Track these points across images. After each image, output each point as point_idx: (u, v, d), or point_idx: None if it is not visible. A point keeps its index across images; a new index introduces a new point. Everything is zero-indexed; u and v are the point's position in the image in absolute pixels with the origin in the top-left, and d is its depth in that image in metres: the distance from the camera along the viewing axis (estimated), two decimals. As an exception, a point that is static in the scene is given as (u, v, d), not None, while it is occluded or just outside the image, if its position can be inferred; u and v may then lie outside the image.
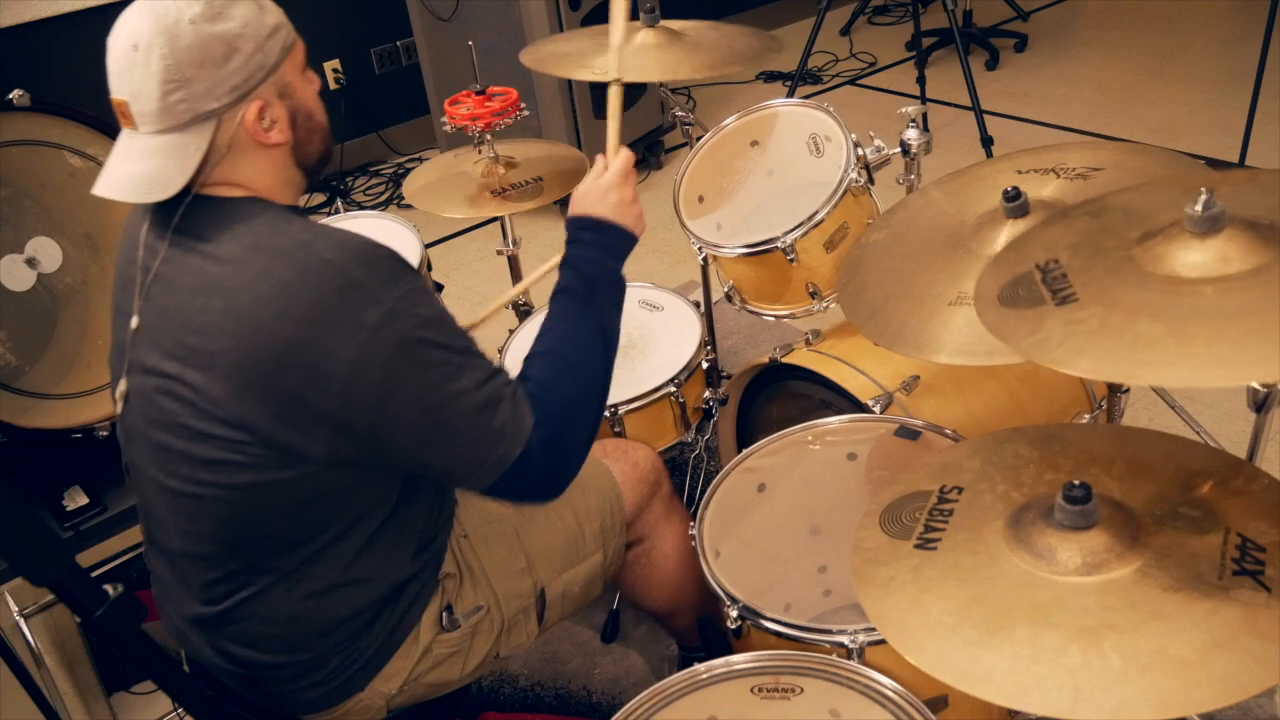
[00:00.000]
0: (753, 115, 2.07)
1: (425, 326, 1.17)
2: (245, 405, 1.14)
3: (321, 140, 1.29)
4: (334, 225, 1.21)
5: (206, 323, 1.15)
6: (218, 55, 1.13)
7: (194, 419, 1.17)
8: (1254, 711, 1.73)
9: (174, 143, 1.15)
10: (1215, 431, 2.14)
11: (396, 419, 1.16)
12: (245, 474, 1.18)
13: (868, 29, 5.17)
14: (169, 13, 1.12)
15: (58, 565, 1.09)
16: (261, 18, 1.17)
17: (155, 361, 1.20)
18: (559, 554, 1.51)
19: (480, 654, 1.45)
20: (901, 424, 1.66)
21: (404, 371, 1.15)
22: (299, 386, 1.13)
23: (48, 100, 2.08)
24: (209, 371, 1.15)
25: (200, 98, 1.13)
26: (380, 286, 1.14)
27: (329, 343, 1.12)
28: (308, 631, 1.30)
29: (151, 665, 1.22)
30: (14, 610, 1.76)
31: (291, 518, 1.23)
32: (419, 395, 1.16)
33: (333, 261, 1.14)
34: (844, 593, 1.65)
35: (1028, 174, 1.53)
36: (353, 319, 1.12)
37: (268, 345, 1.12)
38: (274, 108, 1.19)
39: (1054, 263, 1.14)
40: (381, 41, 4.24)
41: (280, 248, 1.15)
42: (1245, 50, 4.06)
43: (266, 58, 1.16)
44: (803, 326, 2.02)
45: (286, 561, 1.26)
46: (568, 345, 1.31)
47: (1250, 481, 1.12)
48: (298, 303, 1.12)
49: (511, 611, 1.46)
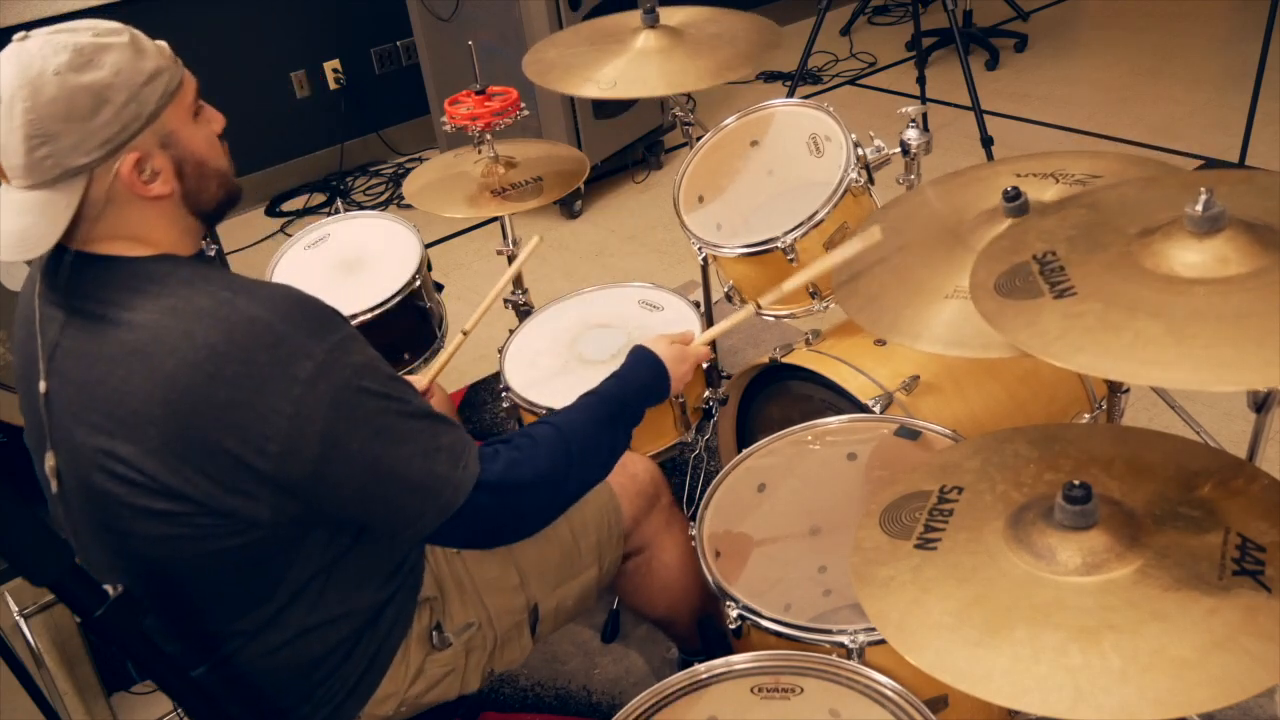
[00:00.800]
0: (753, 115, 2.06)
1: (360, 375, 1.12)
2: (182, 476, 1.09)
3: (218, 186, 1.19)
4: (244, 277, 1.16)
5: (130, 391, 1.09)
6: (84, 108, 1.04)
7: (134, 496, 1.12)
8: (1254, 711, 1.73)
9: (44, 199, 1.06)
10: (1215, 431, 2.14)
11: (339, 473, 1.12)
12: (195, 545, 1.14)
13: (868, 29, 5.17)
14: (33, 63, 1.04)
15: (58, 565, 1.08)
16: (137, 64, 1.07)
17: (84, 437, 1.13)
18: (553, 569, 1.49)
19: (477, 671, 1.43)
20: (901, 424, 1.66)
21: (344, 423, 1.10)
22: (237, 449, 1.08)
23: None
24: (141, 444, 1.09)
25: (66, 153, 1.04)
26: (310, 339, 1.09)
27: (265, 402, 1.07)
28: (287, 676, 1.28)
29: (151, 665, 1.22)
30: (14, 610, 1.76)
31: (247, 581, 1.20)
32: (361, 445, 1.12)
33: (259, 318, 1.09)
34: (844, 593, 1.65)
35: (1026, 178, 1.53)
36: (286, 375, 1.07)
37: (201, 410, 1.07)
38: (155, 158, 1.10)
39: (1051, 254, 1.14)
40: (381, 41, 4.24)
41: (201, 308, 1.09)
42: (1245, 50, 4.06)
43: (142, 107, 1.07)
44: (803, 326, 2.02)
45: (250, 622, 1.22)
46: (574, 429, 1.33)
47: (1250, 481, 1.12)
48: (228, 364, 1.06)
49: (504, 627, 1.45)
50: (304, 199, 4.15)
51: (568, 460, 1.29)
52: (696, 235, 1.95)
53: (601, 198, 3.88)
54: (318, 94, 4.16)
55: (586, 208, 3.81)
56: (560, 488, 1.30)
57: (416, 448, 1.16)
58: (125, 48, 1.07)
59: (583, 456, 1.32)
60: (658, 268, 3.38)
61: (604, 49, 2.10)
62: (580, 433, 1.33)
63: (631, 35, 2.10)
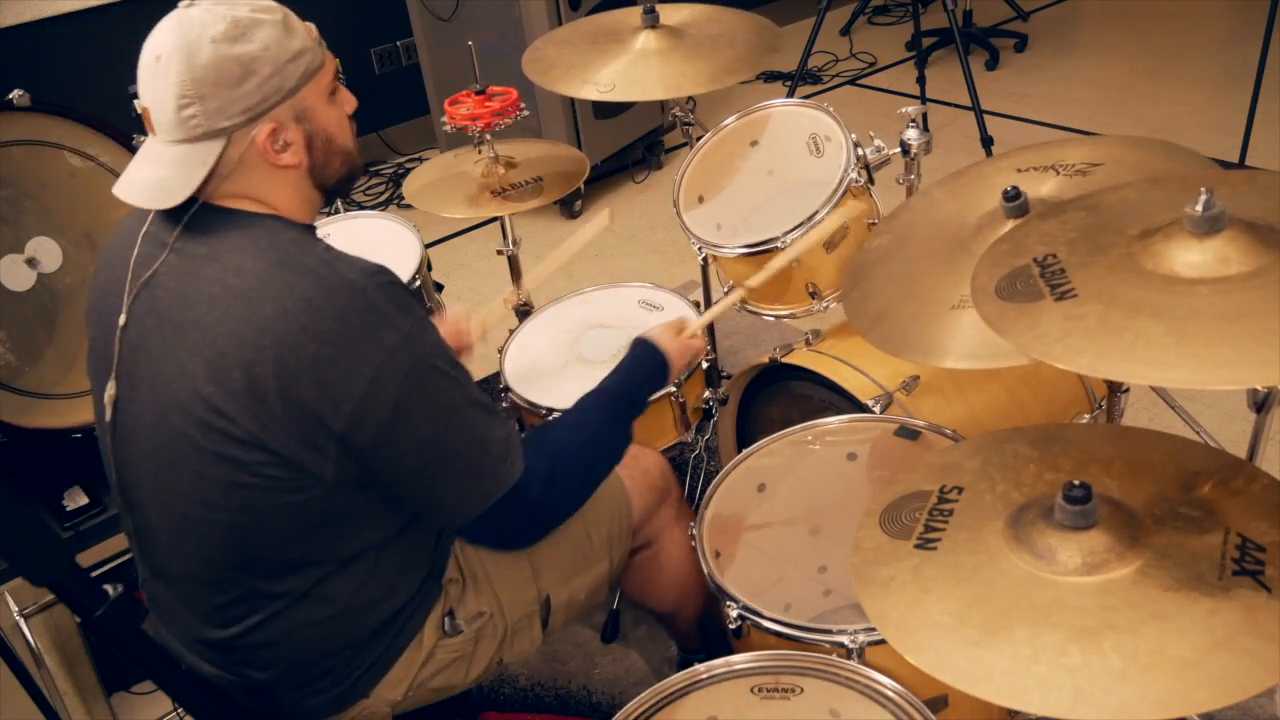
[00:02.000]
0: (753, 115, 2.06)
1: (436, 355, 1.20)
2: (260, 423, 1.14)
3: (343, 163, 1.28)
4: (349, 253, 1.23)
5: (224, 333, 1.14)
6: (232, 76, 1.13)
7: (209, 438, 1.16)
8: (1254, 711, 1.73)
9: (184, 154, 1.15)
10: (1215, 431, 2.14)
11: (402, 442, 1.18)
12: (259, 497, 1.17)
13: (868, 29, 5.17)
14: (193, 29, 1.12)
15: (58, 565, 1.09)
16: (285, 42, 1.16)
17: (169, 375, 1.18)
18: (566, 562, 1.50)
19: (484, 660, 1.44)
20: (901, 424, 1.66)
21: (415, 395, 1.17)
22: (315, 403, 1.13)
23: (48, 100, 2.08)
24: (226, 386, 1.14)
25: (212, 115, 1.14)
26: (398, 312, 1.17)
27: (349, 361, 1.13)
28: (322, 651, 1.30)
29: (151, 665, 1.22)
30: (14, 610, 1.76)
31: (302, 541, 1.23)
32: (427, 420, 1.19)
33: (355, 283, 1.16)
34: (844, 593, 1.65)
35: (1026, 171, 1.53)
36: (374, 340, 1.14)
37: (288, 360, 1.12)
38: (289, 130, 1.19)
39: (1052, 257, 1.15)
40: (381, 41, 4.24)
41: (306, 265, 1.16)
42: (1245, 50, 4.06)
43: (284, 82, 1.16)
44: (803, 326, 2.02)
45: (296, 584, 1.25)
46: (589, 430, 1.40)
47: (1250, 481, 1.12)
48: (322, 319, 1.13)
49: (515, 618, 1.46)
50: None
51: (588, 461, 1.38)
52: (696, 235, 1.95)
53: (601, 198, 3.88)
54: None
55: (586, 208, 3.81)
56: (583, 488, 1.39)
57: (475, 434, 1.23)
58: (277, 25, 1.16)
59: (598, 456, 1.40)
60: (658, 268, 3.38)
61: (604, 49, 2.09)
62: (596, 433, 1.40)
63: (631, 35, 2.10)
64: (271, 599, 1.25)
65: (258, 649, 1.28)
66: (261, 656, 1.29)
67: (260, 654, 1.29)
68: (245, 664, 1.31)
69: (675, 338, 1.58)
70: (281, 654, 1.29)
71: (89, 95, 1.37)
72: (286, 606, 1.26)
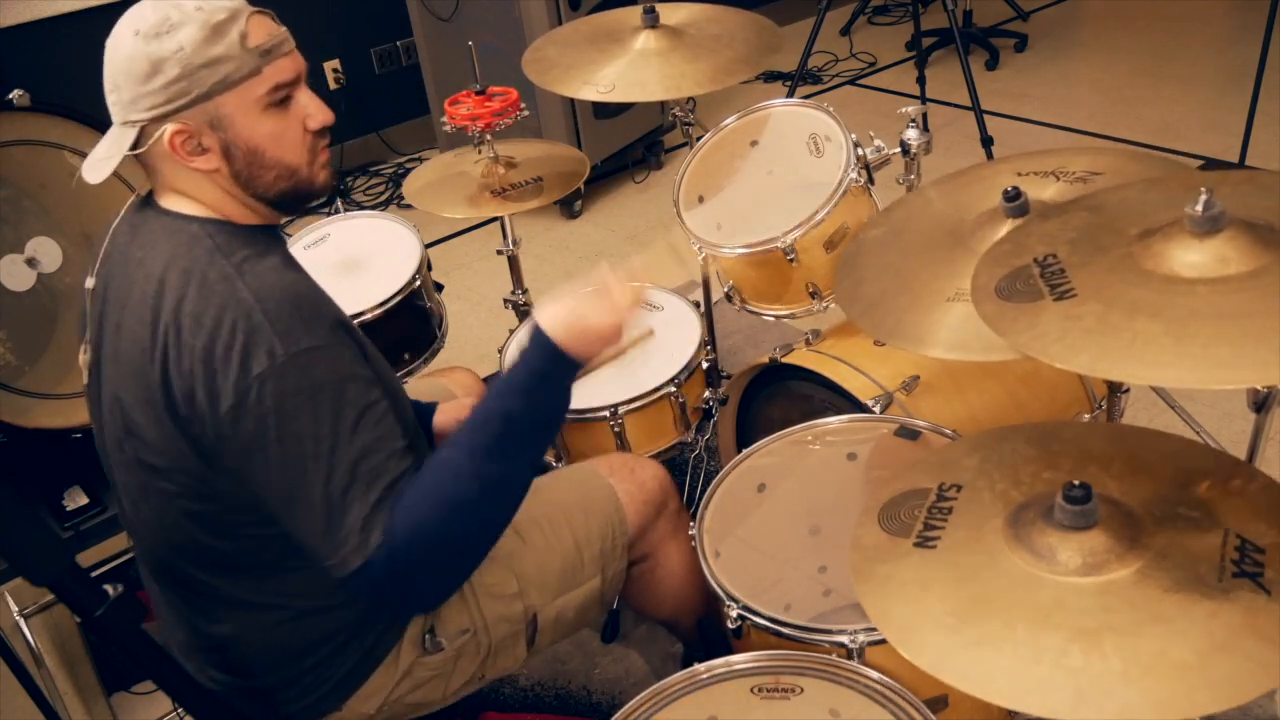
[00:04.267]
0: (753, 115, 2.06)
1: (316, 392, 1.11)
2: (160, 432, 1.17)
3: (279, 177, 1.22)
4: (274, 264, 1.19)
5: (134, 340, 1.18)
6: (140, 72, 1.14)
7: (128, 444, 1.21)
8: (1254, 712, 1.73)
9: (114, 136, 1.19)
10: (1215, 431, 2.14)
11: (259, 473, 1.14)
12: (173, 503, 1.21)
13: (868, 29, 5.17)
14: (132, 20, 1.15)
15: (58, 565, 1.08)
16: (204, 48, 1.13)
17: (107, 379, 1.24)
18: (554, 579, 1.47)
19: (463, 677, 1.42)
20: (901, 424, 1.66)
21: (274, 432, 1.11)
22: (188, 417, 1.15)
23: (48, 100, 2.08)
24: (134, 392, 1.18)
25: (125, 106, 1.16)
26: (280, 338, 1.11)
27: (217, 384, 1.12)
28: (282, 655, 1.29)
29: (151, 665, 1.22)
30: (14, 610, 1.76)
31: (225, 547, 1.23)
32: (279, 457, 1.12)
33: (244, 302, 1.13)
34: (844, 592, 1.64)
35: (1027, 176, 1.53)
36: (243, 365, 1.11)
37: (173, 370, 1.14)
38: (204, 136, 1.17)
39: (1052, 257, 1.15)
40: (381, 41, 4.24)
41: (207, 278, 1.15)
42: (1245, 50, 4.06)
43: (192, 86, 1.14)
44: (803, 326, 2.02)
45: (240, 580, 1.25)
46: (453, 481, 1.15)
47: (1250, 482, 1.12)
48: (201, 335, 1.13)
49: (499, 636, 1.42)
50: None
51: (455, 527, 1.15)
52: (696, 235, 1.95)
53: (601, 198, 3.88)
54: (318, 94, 4.15)
55: (586, 208, 3.81)
56: (461, 546, 1.18)
57: (325, 493, 1.11)
58: (200, 28, 1.13)
59: (473, 513, 1.17)
60: (658, 268, 3.38)
61: (603, 49, 2.09)
62: (462, 489, 1.14)
63: (631, 35, 2.10)
64: (221, 600, 1.26)
65: (216, 651, 1.29)
66: (226, 661, 1.29)
67: (220, 656, 1.29)
68: (213, 665, 1.31)
69: (574, 314, 1.21)
70: (240, 655, 1.29)
71: (89, 95, 1.36)
72: (238, 605, 1.26)
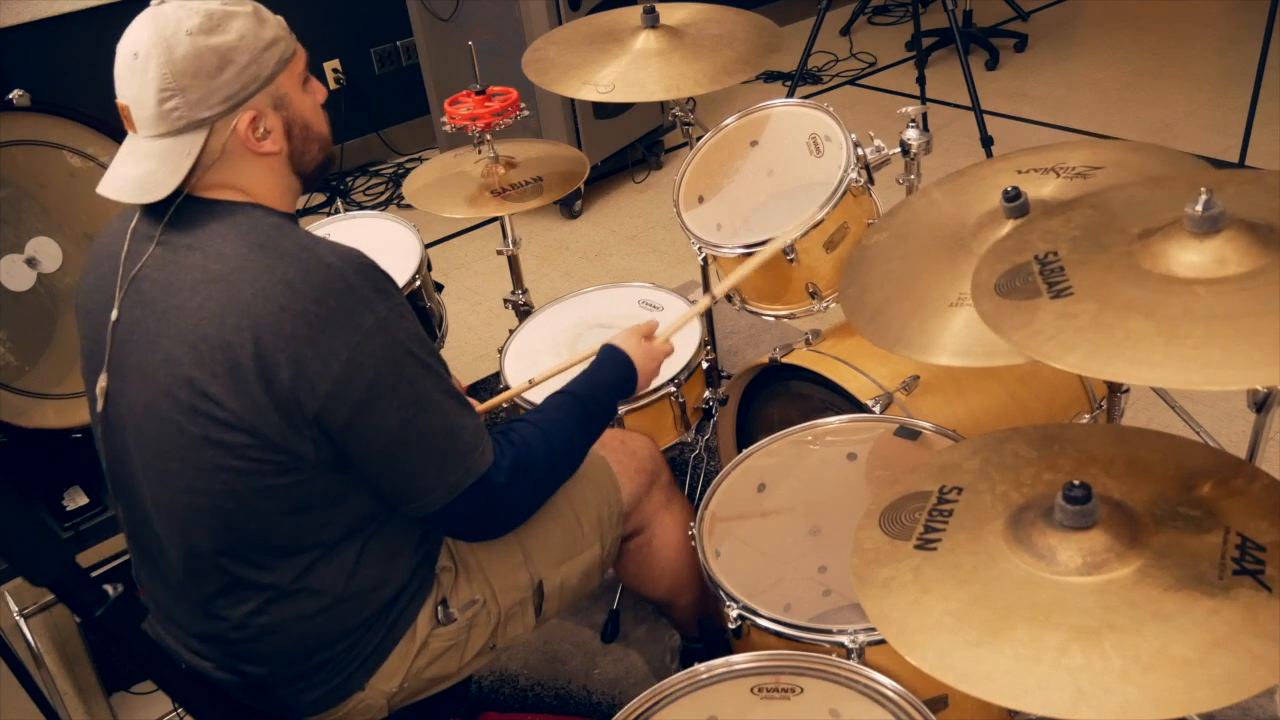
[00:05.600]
0: (752, 115, 2.06)
1: (412, 341, 1.22)
2: (243, 402, 1.15)
3: (320, 149, 1.31)
4: (328, 238, 1.26)
5: (206, 316, 1.16)
6: (211, 66, 1.15)
7: (196, 422, 1.18)
8: (1254, 711, 1.73)
9: (168, 147, 1.18)
10: (1215, 431, 2.14)
11: (373, 425, 1.19)
12: (243, 481, 1.19)
13: (868, 29, 5.17)
14: (168, 23, 1.15)
15: (58, 565, 1.09)
16: (259, 31, 1.19)
17: (156, 364, 1.20)
18: (556, 546, 1.51)
19: (477, 646, 1.45)
20: (901, 424, 1.66)
21: (388, 380, 1.18)
22: (291, 382, 1.15)
23: (48, 100, 2.08)
24: (209, 369, 1.15)
25: (193, 106, 1.16)
26: (375, 296, 1.19)
27: (325, 341, 1.15)
28: (316, 644, 1.30)
29: (151, 665, 1.22)
30: (14, 610, 1.76)
31: (287, 526, 1.24)
32: (398, 405, 1.20)
33: (334, 265, 1.18)
34: (844, 593, 1.64)
35: (1027, 173, 1.53)
36: (350, 322, 1.16)
37: (268, 338, 1.14)
38: (268, 118, 1.22)
39: (1053, 255, 1.15)
40: (381, 41, 4.24)
41: (285, 249, 1.19)
42: (1245, 50, 4.06)
43: (260, 70, 1.19)
44: (803, 326, 2.02)
45: (285, 573, 1.26)
46: (554, 429, 1.38)
47: (1250, 481, 1.12)
48: (300, 300, 1.15)
49: (508, 604, 1.46)
50: (304, 198, 4.14)
51: (551, 460, 1.37)
52: (696, 235, 1.95)
53: (601, 198, 3.88)
54: (317, 94, 4.15)
55: (586, 208, 3.81)
56: (545, 485, 1.40)
57: (445, 421, 1.24)
58: (249, 16, 1.19)
59: (561, 456, 1.40)
60: (658, 268, 3.38)
61: (603, 49, 2.09)
62: (560, 432, 1.39)
63: (631, 35, 2.10)
64: (261, 589, 1.26)
65: (251, 642, 1.29)
66: (256, 650, 1.30)
67: (254, 647, 1.29)
68: (240, 658, 1.31)
69: (642, 343, 1.58)
70: (275, 647, 1.29)
71: (89, 95, 1.36)
72: (277, 597, 1.26)
